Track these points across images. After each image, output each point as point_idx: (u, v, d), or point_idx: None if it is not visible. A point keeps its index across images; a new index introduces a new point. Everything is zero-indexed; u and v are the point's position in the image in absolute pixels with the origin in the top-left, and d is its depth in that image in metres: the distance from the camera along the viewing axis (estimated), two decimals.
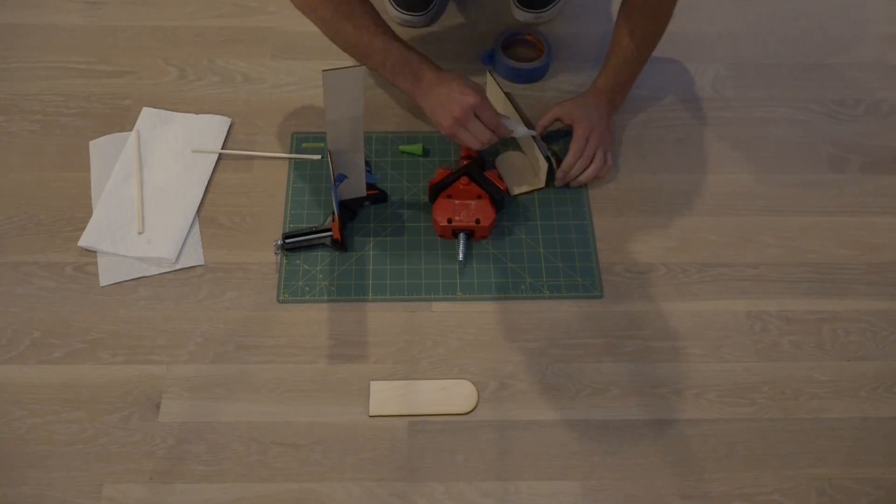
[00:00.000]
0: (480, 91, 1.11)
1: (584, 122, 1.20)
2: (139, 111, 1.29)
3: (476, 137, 1.11)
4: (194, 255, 1.15)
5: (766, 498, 1.00)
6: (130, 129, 1.27)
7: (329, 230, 1.15)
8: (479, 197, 1.16)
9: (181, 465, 1.00)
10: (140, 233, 1.16)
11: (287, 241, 1.15)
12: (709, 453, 1.03)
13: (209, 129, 1.27)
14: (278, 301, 1.12)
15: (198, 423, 1.03)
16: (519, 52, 1.38)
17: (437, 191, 1.17)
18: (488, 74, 1.28)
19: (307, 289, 1.13)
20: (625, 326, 1.12)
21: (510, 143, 1.26)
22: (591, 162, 1.20)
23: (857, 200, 1.24)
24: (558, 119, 1.23)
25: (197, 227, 1.18)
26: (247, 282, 1.14)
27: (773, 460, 1.02)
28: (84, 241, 1.15)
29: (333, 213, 1.14)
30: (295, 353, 1.08)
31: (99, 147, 1.25)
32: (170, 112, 1.29)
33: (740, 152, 1.29)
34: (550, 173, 1.21)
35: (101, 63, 1.37)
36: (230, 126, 1.28)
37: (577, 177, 1.21)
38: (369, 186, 1.17)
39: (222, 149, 1.25)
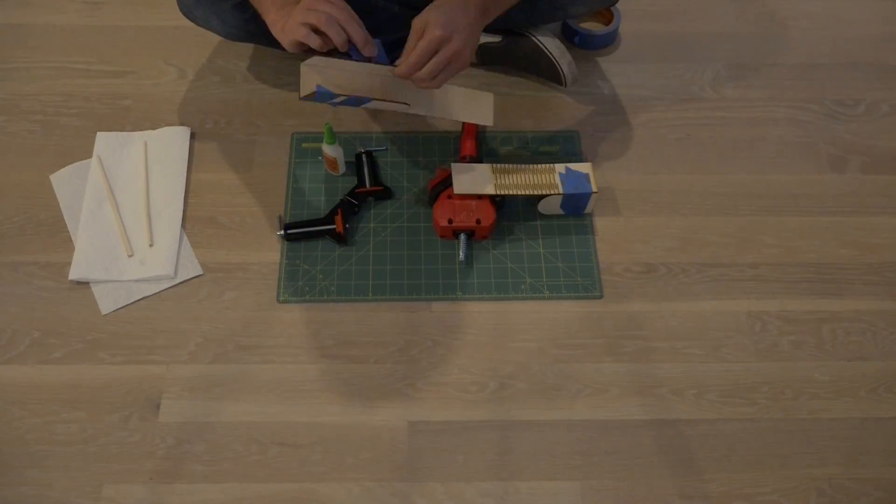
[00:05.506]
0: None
1: (438, 24, 0.97)
2: (139, 111, 1.29)
3: (329, 14, 0.95)
4: (191, 267, 1.14)
5: (765, 498, 1.00)
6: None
7: (332, 223, 1.15)
8: (480, 197, 1.16)
9: (181, 465, 1.00)
10: (130, 255, 1.15)
11: (289, 231, 1.14)
12: (709, 453, 1.03)
13: (172, 142, 1.24)
14: (278, 301, 1.12)
15: (198, 423, 1.03)
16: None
17: (437, 191, 1.17)
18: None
19: (307, 289, 1.13)
20: (625, 326, 1.12)
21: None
22: (433, 76, 1.00)
23: (856, 200, 1.24)
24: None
25: (186, 238, 1.17)
26: (247, 282, 1.14)
27: (772, 460, 1.02)
28: (74, 273, 1.12)
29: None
30: (295, 353, 1.08)
31: (62, 179, 1.21)
32: (127, 133, 1.26)
33: (740, 152, 1.29)
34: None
35: (101, 63, 1.37)
36: (191, 136, 1.26)
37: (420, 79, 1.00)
38: (375, 182, 1.17)
39: (188, 159, 1.23)
